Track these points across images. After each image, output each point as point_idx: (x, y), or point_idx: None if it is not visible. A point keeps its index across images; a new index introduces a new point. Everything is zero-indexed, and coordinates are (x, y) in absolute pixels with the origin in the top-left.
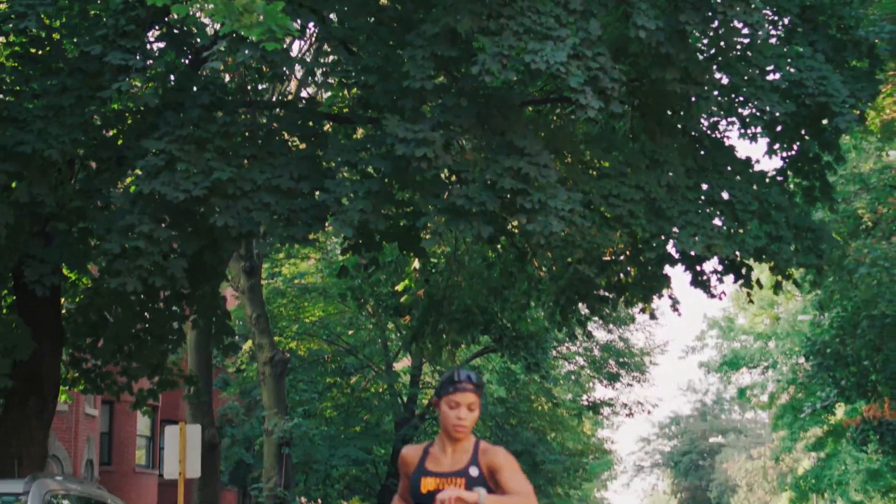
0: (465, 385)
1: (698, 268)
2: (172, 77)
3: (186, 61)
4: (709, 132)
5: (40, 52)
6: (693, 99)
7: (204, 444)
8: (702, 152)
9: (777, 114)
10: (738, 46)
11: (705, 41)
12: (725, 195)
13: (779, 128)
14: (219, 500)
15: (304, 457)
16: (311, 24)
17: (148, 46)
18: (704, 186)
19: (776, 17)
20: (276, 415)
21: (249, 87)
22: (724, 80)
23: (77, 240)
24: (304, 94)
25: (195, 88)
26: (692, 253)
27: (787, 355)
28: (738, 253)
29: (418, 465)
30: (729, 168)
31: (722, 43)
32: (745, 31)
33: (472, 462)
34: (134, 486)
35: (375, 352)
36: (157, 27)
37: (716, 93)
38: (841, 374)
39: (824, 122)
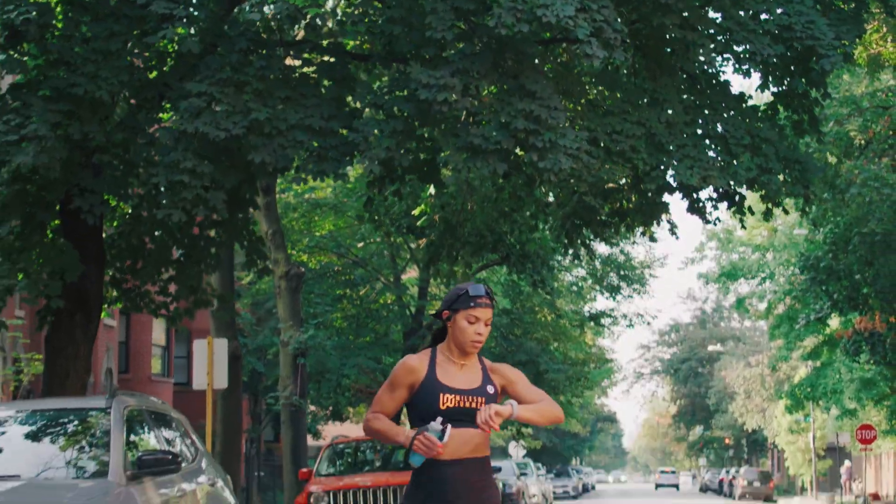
0: (485, 300)
1: (695, 196)
2: (210, 24)
3: (223, 9)
4: (706, 68)
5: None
6: (690, 42)
7: (228, 355)
8: (698, 86)
9: (767, 55)
10: None
11: None
12: (720, 128)
13: (769, 68)
14: (241, 409)
15: (318, 366)
16: None
17: None
18: (700, 122)
19: None
20: (291, 327)
21: (280, 35)
22: (720, 20)
23: (121, 171)
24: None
25: (232, 35)
26: (689, 184)
27: (784, 266)
28: (731, 183)
29: (429, 378)
30: (723, 104)
31: None
32: None
33: (485, 380)
34: (150, 393)
35: (384, 264)
36: None
37: (712, 31)
38: (833, 287)
39: (812, 62)
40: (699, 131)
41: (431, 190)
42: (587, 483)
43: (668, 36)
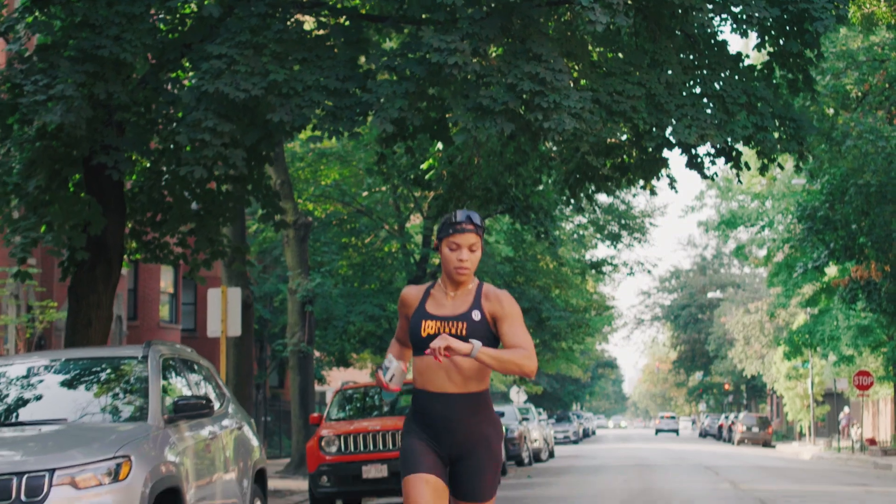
0: (466, 226)
1: (693, 152)
2: None
3: None
4: (706, 28)
5: None
6: (689, 4)
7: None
8: (697, 47)
9: (763, 17)
10: None
11: None
12: (717, 86)
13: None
14: (252, 355)
15: (324, 313)
16: None
17: None
18: (699, 82)
19: None
20: (299, 275)
21: None
22: None
23: (143, 128)
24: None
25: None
26: (687, 142)
27: (783, 214)
28: (728, 140)
29: (419, 307)
30: (721, 64)
31: None
32: None
33: (474, 306)
34: (159, 339)
35: (389, 213)
36: None
37: None
38: (830, 237)
39: (806, 23)
40: (697, 90)
41: (440, 145)
42: (588, 428)
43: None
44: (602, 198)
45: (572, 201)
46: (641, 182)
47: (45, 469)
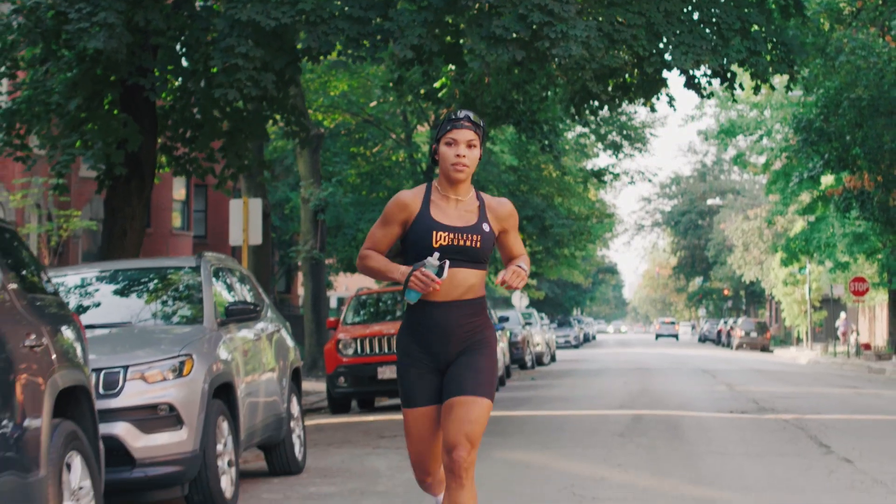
0: (464, 122)
1: (691, 73)
2: None
3: None
4: None
5: None
6: None
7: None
8: None
9: None
10: None
11: None
12: (714, 11)
13: None
14: (270, 262)
15: (334, 221)
16: None
17: None
18: (696, 9)
19: None
20: (311, 185)
21: None
22: None
23: (177, 52)
24: None
25: None
26: (684, 68)
27: (781, 123)
28: (723, 63)
29: (422, 214)
30: None
31: None
32: None
33: (482, 218)
34: (171, 246)
35: (397, 123)
36: None
37: None
38: (824, 148)
39: None
40: (696, 16)
41: (452, 66)
42: (588, 333)
43: None
44: (604, 112)
45: (577, 118)
46: (642, 100)
47: (120, 366)
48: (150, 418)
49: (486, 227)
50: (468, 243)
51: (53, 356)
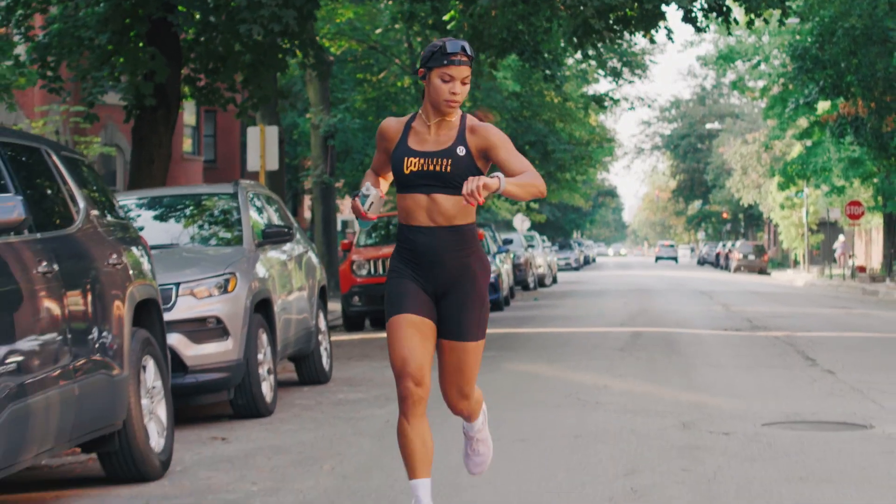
0: (461, 58)
1: (688, 6)
2: None
3: None
4: None
5: None
6: None
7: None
8: None
9: None
10: None
11: None
12: None
13: None
14: (284, 187)
15: (344, 146)
16: None
17: None
18: None
19: None
20: (321, 111)
21: None
22: None
23: None
24: None
25: None
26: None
27: (779, 49)
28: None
29: (399, 142)
30: None
31: None
32: None
33: (458, 141)
34: (182, 171)
35: (402, 50)
36: None
37: None
38: (819, 75)
39: None
40: None
41: None
42: (588, 256)
43: None
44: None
45: (579, 51)
46: (642, 33)
47: (172, 283)
48: (199, 330)
49: (460, 151)
50: (437, 168)
51: (130, 273)
